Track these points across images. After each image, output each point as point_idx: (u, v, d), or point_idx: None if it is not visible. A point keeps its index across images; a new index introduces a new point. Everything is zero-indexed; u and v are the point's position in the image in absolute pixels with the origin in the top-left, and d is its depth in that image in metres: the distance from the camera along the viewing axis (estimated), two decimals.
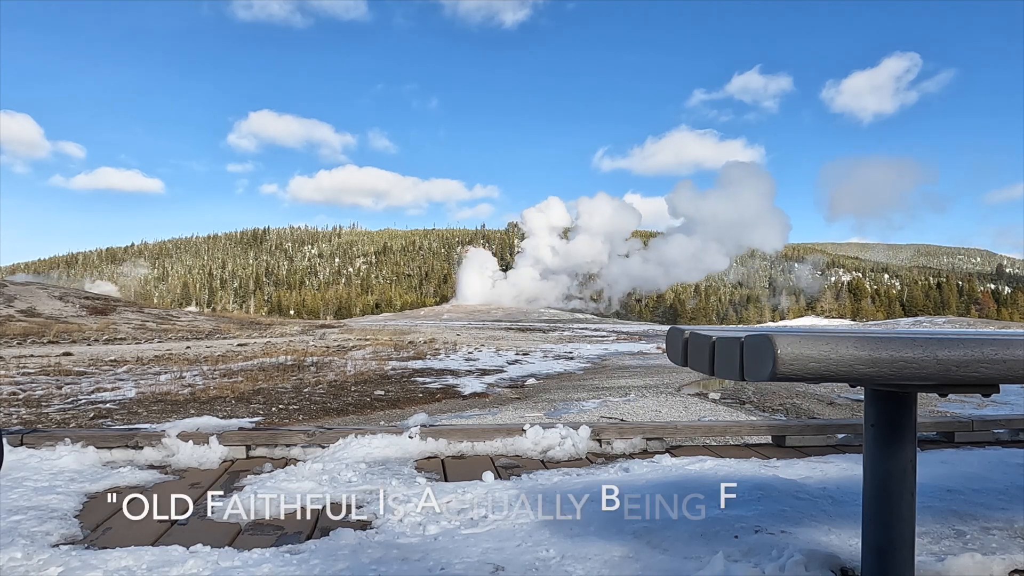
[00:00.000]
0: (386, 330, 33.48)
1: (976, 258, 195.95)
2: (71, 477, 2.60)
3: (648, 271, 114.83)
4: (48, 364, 13.27)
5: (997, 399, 8.64)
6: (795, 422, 3.48)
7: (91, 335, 23.36)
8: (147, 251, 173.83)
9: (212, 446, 2.97)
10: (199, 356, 15.68)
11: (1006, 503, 2.23)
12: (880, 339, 1.12)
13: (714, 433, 3.50)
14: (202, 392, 9.27)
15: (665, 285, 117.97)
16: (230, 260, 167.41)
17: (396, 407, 8.46)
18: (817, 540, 1.85)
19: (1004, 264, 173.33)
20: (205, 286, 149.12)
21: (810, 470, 2.71)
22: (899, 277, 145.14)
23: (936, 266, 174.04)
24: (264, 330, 29.80)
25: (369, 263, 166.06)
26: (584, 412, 8.07)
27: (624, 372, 13.76)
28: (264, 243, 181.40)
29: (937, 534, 1.95)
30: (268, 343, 21.22)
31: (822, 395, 9.45)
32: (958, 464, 2.77)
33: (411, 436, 3.12)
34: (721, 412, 8.07)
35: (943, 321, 55.53)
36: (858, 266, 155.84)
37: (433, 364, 13.94)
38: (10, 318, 26.49)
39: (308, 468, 2.73)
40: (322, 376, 11.39)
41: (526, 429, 3.21)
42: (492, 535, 1.95)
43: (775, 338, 1.07)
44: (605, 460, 3.02)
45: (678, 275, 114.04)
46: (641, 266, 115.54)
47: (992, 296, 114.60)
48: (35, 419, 7.12)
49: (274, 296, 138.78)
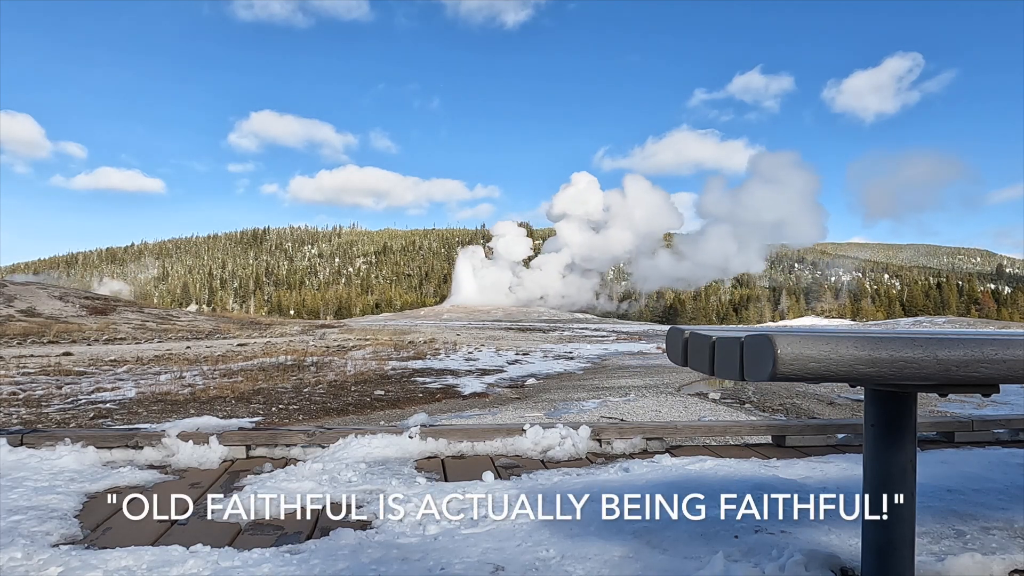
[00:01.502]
0: (386, 330, 33.47)
1: (976, 258, 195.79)
2: (71, 477, 2.60)
3: (681, 270, 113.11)
4: (48, 364, 13.27)
5: (997, 399, 8.64)
6: (795, 422, 3.48)
7: (91, 335, 23.36)
8: (147, 251, 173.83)
9: (212, 446, 2.96)
10: (199, 356, 15.68)
11: (1006, 503, 2.23)
12: (880, 339, 1.12)
13: (714, 433, 3.50)
14: (202, 392, 9.27)
15: (698, 283, 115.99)
16: (230, 260, 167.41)
17: (396, 407, 8.46)
18: (817, 540, 1.85)
19: (1004, 264, 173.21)
20: (205, 286, 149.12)
21: (810, 470, 2.71)
22: (899, 277, 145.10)
23: (936, 266, 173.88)
24: (264, 330, 29.81)
25: (369, 263, 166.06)
26: (584, 412, 8.07)
27: (624, 372, 13.76)
28: (264, 243, 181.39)
29: (937, 534, 1.95)
30: (268, 343, 21.22)
31: (822, 395, 9.45)
32: (958, 464, 2.77)
33: (411, 436, 3.12)
34: (721, 412, 8.07)
35: (943, 321, 55.56)
36: (858, 266, 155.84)
37: (433, 364, 13.94)
38: (10, 318, 26.49)
39: (308, 468, 2.73)
40: (322, 376, 11.39)
41: (526, 429, 3.21)
42: (492, 535, 1.95)
43: (775, 338, 1.07)
44: (605, 460, 3.02)
45: (707, 275, 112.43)
46: (675, 265, 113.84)
47: (992, 296, 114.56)
48: (35, 419, 7.12)
49: (274, 296, 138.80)
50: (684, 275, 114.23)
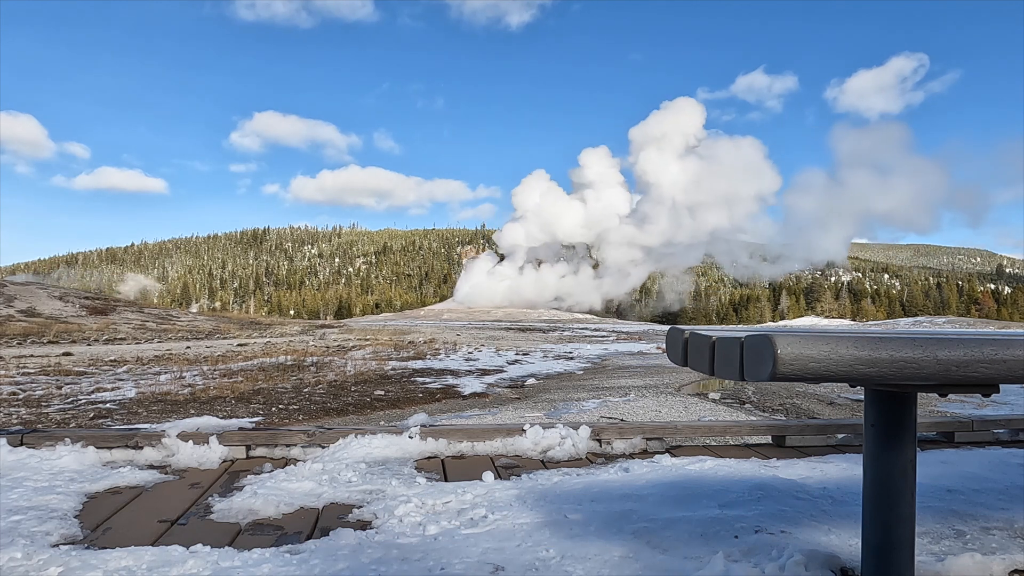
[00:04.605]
0: (386, 330, 33.47)
1: (976, 258, 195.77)
2: (71, 477, 2.60)
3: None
4: (48, 364, 13.27)
5: (997, 399, 8.64)
6: (795, 422, 3.48)
7: (91, 335, 23.36)
8: (147, 251, 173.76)
9: (212, 446, 2.96)
10: (199, 356, 15.67)
11: (1006, 503, 2.23)
12: (880, 339, 1.12)
13: (714, 433, 3.50)
14: (202, 392, 9.27)
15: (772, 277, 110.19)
16: (230, 260, 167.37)
17: (396, 407, 8.45)
18: (817, 540, 1.84)
19: (1004, 264, 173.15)
20: (205, 286, 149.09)
21: (810, 470, 2.71)
22: (899, 277, 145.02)
23: (936, 266, 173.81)
24: (264, 330, 29.80)
25: (369, 263, 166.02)
26: (584, 412, 8.07)
27: (624, 372, 13.76)
28: (264, 243, 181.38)
29: (937, 534, 1.94)
30: (268, 343, 21.22)
31: (822, 395, 9.45)
32: (958, 464, 2.77)
33: (411, 436, 3.12)
34: (721, 412, 8.06)
35: (943, 321, 55.55)
36: (858, 266, 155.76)
37: (433, 364, 13.94)
38: (10, 318, 26.48)
39: (308, 468, 2.73)
40: (322, 376, 11.39)
41: (526, 429, 3.21)
42: (492, 535, 1.95)
43: (775, 338, 1.07)
44: (605, 460, 3.02)
45: (784, 267, 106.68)
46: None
47: (992, 296, 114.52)
48: (35, 419, 7.12)
49: (274, 296, 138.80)
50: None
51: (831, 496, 2.27)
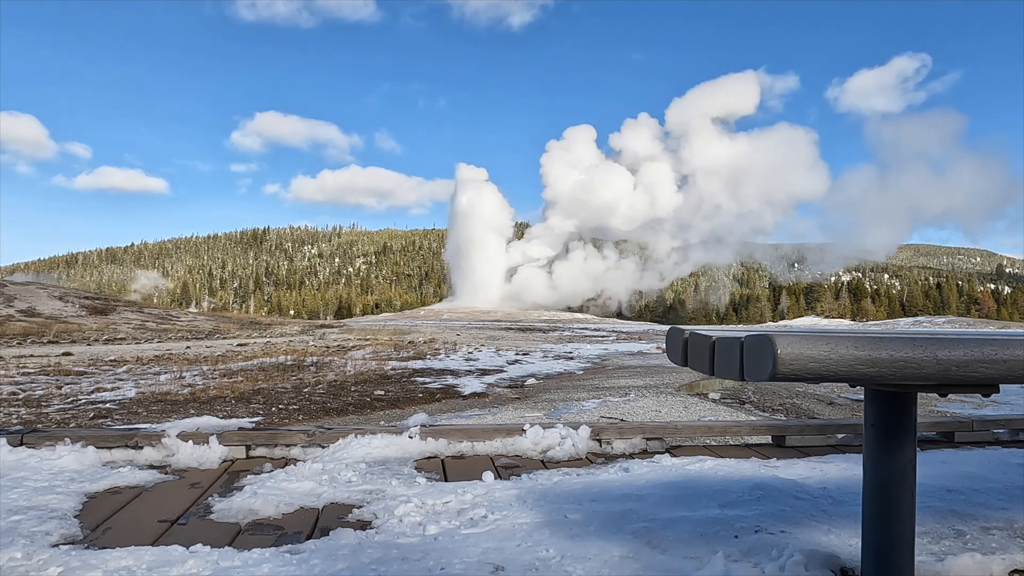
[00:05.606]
0: (386, 330, 33.47)
1: (976, 258, 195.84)
2: (71, 477, 2.60)
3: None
4: (48, 364, 13.27)
5: (997, 399, 8.64)
6: (795, 422, 3.48)
7: (91, 335, 23.36)
8: (147, 251, 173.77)
9: (212, 446, 2.96)
10: (199, 356, 15.67)
11: (1006, 503, 2.23)
12: (880, 339, 1.12)
13: (714, 433, 3.50)
14: (202, 392, 9.27)
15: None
16: (230, 260, 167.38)
17: (396, 407, 8.45)
18: (817, 540, 1.84)
19: (1004, 264, 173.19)
20: (205, 286, 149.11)
21: (810, 470, 2.71)
22: (899, 277, 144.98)
23: (936, 266, 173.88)
24: (264, 330, 29.80)
25: (369, 263, 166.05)
26: (584, 412, 8.06)
27: (624, 372, 13.76)
28: (264, 243, 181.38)
29: (937, 534, 1.94)
30: (268, 343, 21.22)
31: (822, 395, 9.45)
32: (958, 464, 2.77)
33: (411, 436, 3.12)
34: (721, 412, 8.06)
35: (943, 321, 55.56)
36: (858, 266, 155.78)
37: (433, 364, 13.94)
38: (10, 318, 26.48)
39: (308, 468, 2.73)
40: (322, 376, 11.38)
41: (526, 429, 3.21)
42: (492, 535, 1.94)
43: (775, 338, 1.07)
44: (605, 460, 3.02)
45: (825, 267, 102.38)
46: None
47: (992, 296, 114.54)
48: (35, 419, 7.12)
49: (274, 296, 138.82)
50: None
51: (831, 496, 2.27)
